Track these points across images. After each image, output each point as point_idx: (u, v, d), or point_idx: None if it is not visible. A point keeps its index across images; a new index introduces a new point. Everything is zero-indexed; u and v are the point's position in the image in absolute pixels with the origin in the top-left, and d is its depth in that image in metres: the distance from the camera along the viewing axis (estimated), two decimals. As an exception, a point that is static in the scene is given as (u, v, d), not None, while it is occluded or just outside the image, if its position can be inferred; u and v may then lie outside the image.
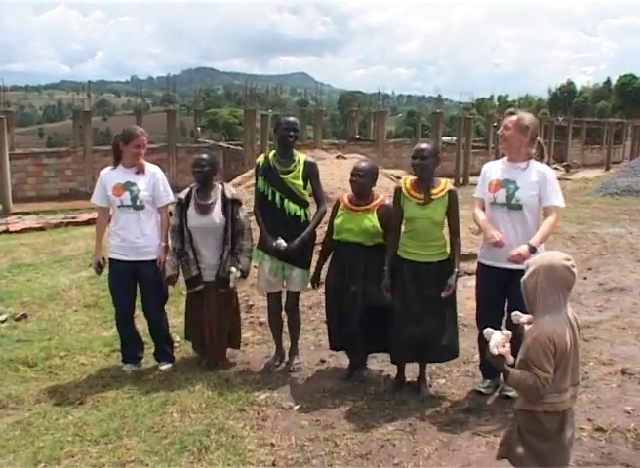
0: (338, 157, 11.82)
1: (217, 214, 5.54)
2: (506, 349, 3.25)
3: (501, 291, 5.01)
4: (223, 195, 5.61)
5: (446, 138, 34.39)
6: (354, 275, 5.27)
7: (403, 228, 5.19)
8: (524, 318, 3.46)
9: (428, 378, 5.45)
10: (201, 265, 5.61)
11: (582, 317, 5.59)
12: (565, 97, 74.88)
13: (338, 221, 5.35)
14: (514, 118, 4.92)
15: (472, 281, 7.55)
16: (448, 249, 5.11)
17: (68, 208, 20.73)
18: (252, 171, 11.04)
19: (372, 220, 5.23)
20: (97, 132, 41.25)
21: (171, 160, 24.36)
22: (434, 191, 5.02)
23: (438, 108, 34.77)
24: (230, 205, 5.59)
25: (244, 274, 5.63)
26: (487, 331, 3.18)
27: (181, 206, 5.62)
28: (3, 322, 7.22)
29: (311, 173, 5.52)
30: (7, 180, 21.73)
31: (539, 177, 4.87)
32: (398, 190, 5.14)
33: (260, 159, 5.69)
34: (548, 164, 5.02)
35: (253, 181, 9.58)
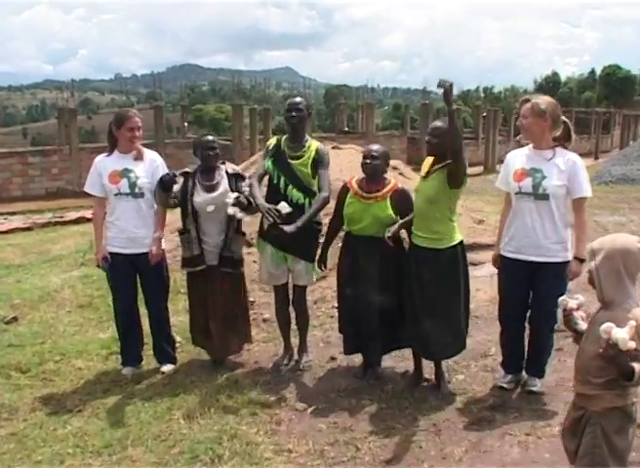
0: (333, 148, 11.48)
1: (222, 192, 5.21)
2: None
3: (526, 284, 4.75)
4: (226, 172, 5.33)
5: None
6: (368, 267, 4.96)
7: None
8: (572, 303, 3.14)
9: (446, 374, 5.17)
10: (205, 246, 5.27)
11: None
12: (550, 88, 74.96)
13: (348, 211, 5.02)
14: (529, 105, 4.64)
15: (479, 271, 7.36)
16: (452, 239, 4.78)
17: (56, 207, 20.33)
18: (255, 157, 10.74)
19: (386, 210, 4.91)
20: (81, 130, 40.80)
21: (160, 155, 24.09)
22: (437, 165, 4.72)
23: (425, 100, 34.69)
24: (234, 180, 5.29)
25: (240, 202, 5.07)
26: (607, 326, 2.78)
27: (186, 179, 5.28)
28: (-8, 326, 6.86)
29: (321, 161, 5.18)
30: (-8, 180, 21.37)
31: (567, 166, 4.59)
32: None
33: (272, 141, 5.38)
34: (564, 147, 4.71)
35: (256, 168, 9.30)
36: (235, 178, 5.31)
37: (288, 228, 4.88)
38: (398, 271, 4.93)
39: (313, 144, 5.22)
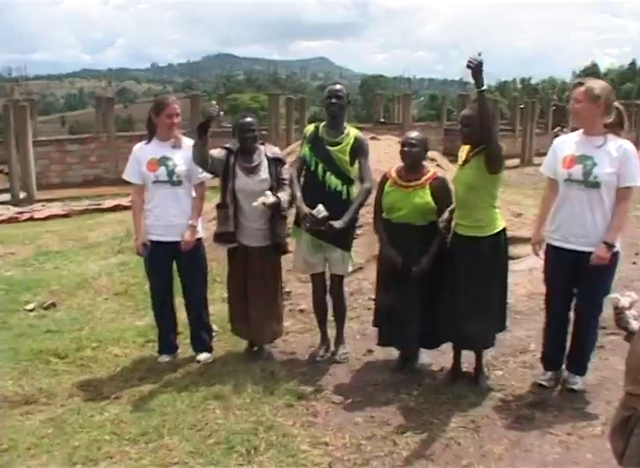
0: (371, 138, 11.39)
1: (263, 175, 5.18)
2: None
3: (572, 273, 4.63)
4: (266, 155, 5.26)
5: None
6: (407, 259, 4.88)
7: None
8: (624, 301, 3.04)
9: (485, 369, 5.07)
10: (245, 231, 5.21)
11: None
12: (589, 80, 73.75)
13: (388, 199, 4.95)
14: (583, 89, 4.49)
15: (517, 265, 7.24)
16: (495, 226, 4.70)
17: (93, 194, 20.51)
18: (291, 147, 10.68)
19: (425, 197, 4.83)
20: (118, 119, 41.14)
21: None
22: (472, 154, 4.63)
23: (463, 91, 34.23)
24: (274, 165, 5.23)
25: (278, 202, 5.04)
26: None
27: (228, 154, 5.21)
28: (31, 311, 6.93)
29: (360, 149, 5.13)
30: (31, 168, 21.54)
31: (619, 153, 4.43)
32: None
33: (310, 128, 5.33)
34: (618, 135, 4.57)
35: (293, 158, 9.26)
36: (275, 163, 5.25)
37: (337, 224, 4.90)
38: (437, 261, 4.85)
39: (352, 132, 5.16)
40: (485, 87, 4.27)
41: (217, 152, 5.20)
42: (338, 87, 5.16)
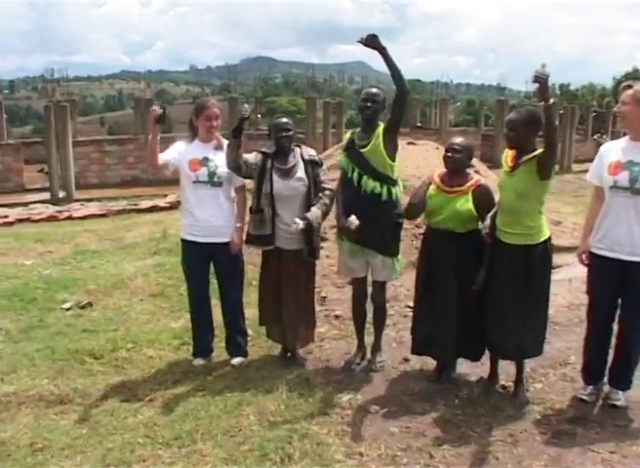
0: (408, 143, 11.31)
1: (299, 177, 5.14)
2: None
3: (617, 283, 4.51)
4: (302, 157, 5.22)
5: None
6: (446, 263, 4.81)
7: None
8: None
9: (524, 382, 4.95)
10: (277, 229, 5.16)
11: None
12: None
13: (429, 204, 4.87)
14: (631, 92, 4.37)
15: (557, 275, 7.09)
16: (543, 233, 4.60)
17: (130, 195, 20.68)
18: (329, 151, 10.65)
19: (466, 204, 4.74)
20: (157, 120, 41.47)
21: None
22: (523, 157, 4.52)
23: (501, 96, 33.86)
24: (310, 167, 5.18)
25: (309, 222, 5.00)
26: None
27: (264, 159, 5.18)
28: (68, 310, 6.98)
29: (387, 133, 4.99)
30: (70, 168, 21.81)
31: None
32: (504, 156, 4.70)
33: (346, 135, 5.29)
34: None
35: (331, 162, 9.23)
36: (312, 165, 5.20)
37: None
38: (476, 268, 4.76)
39: (381, 126, 5.05)
40: (552, 100, 4.17)
41: (252, 157, 5.18)
42: (374, 90, 5.08)
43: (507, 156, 4.65)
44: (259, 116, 35.03)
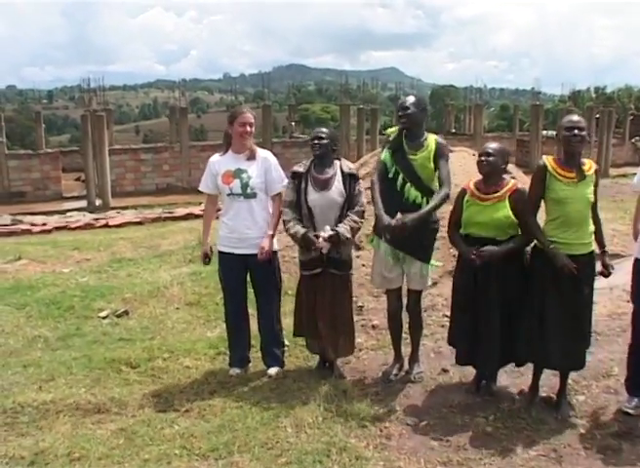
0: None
1: (336, 189, 5.08)
2: None
3: None
4: (341, 170, 5.16)
5: (545, 132, 33.03)
6: (488, 276, 4.68)
7: (547, 215, 4.62)
8: None
9: (567, 394, 4.82)
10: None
11: None
12: (667, 88, 71.09)
13: (466, 214, 4.76)
14: None
15: (598, 283, 6.93)
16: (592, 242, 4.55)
17: (165, 202, 20.90)
18: (364, 159, 10.55)
19: (504, 209, 4.62)
20: (191, 129, 41.83)
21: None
22: (584, 168, 4.45)
23: (536, 101, 33.54)
24: (348, 180, 5.13)
25: (337, 234, 4.95)
26: None
27: (298, 179, 5.16)
28: (105, 318, 7.01)
29: (440, 152, 4.96)
30: (107, 176, 22.10)
31: None
32: (542, 167, 4.52)
33: (393, 129, 5.18)
34: None
35: (366, 170, 9.14)
36: (350, 179, 5.14)
37: (403, 220, 4.74)
38: (519, 278, 4.64)
39: (431, 137, 5.01)
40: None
41: (287, 195, 5.19)
42: (407, 101, 5.02)
43: (552, 162, 4.52)
44: (292, 124, 35.15)
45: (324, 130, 5.22)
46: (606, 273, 4.66)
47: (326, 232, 4.94)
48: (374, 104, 31.38)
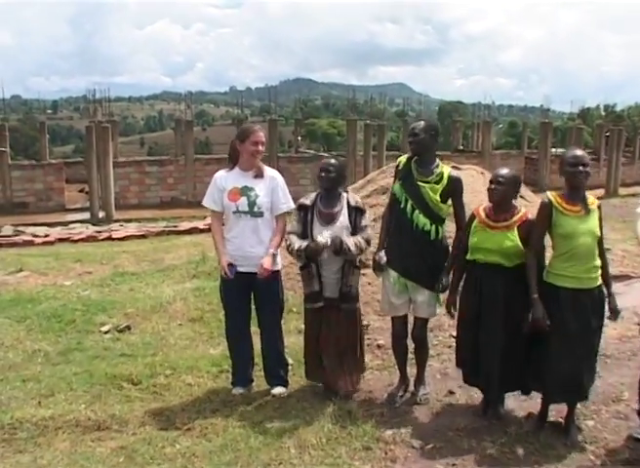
0: (452, 168, 11.18)
1: (341, 223, 5.08)
2: None
3: None
4: (348, 203, 5.15)
5: (554, 150, 33.03)
6: (492, 301, 4.66)
7: (554, 250, 4.58)
8: None
9: (576, 419, 4.78)
10: (323, 279, 5.13)
11: None
12: (679, 108, 71.07)
13: (473, 240, 4.74)
14: None
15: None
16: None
17: (169, 216, 20.90)
18: (371, 176, 10.56)
19: (513, 239, 4.60)
20: (196, 141, 42.00)
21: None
22: (589, 202, 4.48)
23: (545, 118, 33.53)
24: (354, 213, 5.12)
25: (340, 241, 4.96)
26: None
27: (304, 212, 5.17)
28: (106, 333, 7.00)
29: (454, 191, 4.96)
30: (111, 188, 22.10)
31: None
32: (547, 204, 4.50)
33: (402, 159, 5.18)
34: None
35: (373, 187, 9.15)
36: (355, 212, 5.14)
37: (443, 283, 4.95)
38: (524, 304, 4.61)
39: (445, 171, 4.98)
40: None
41: (292, 226, 5.21)
42: (417, 126, 5.00)
43: (557, 197, 4.51)
44: (299, 138, 35.21)
45: (332, 162, 5.19)
46: (613, 319, 4.69)
47: (324, 237, 4.95)
48: (381, 120, 31.40)
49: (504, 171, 4.77)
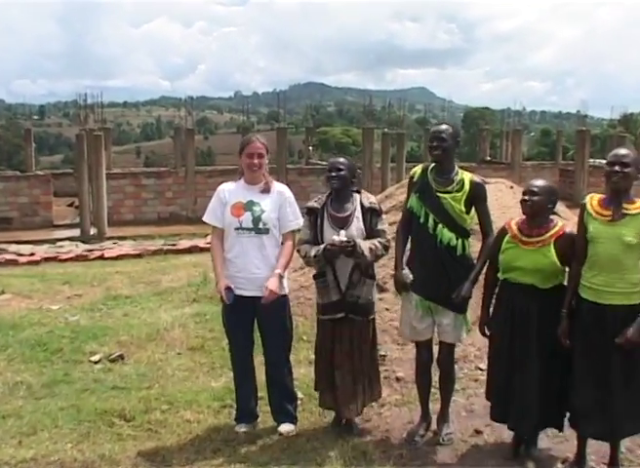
0: (479, 181, 11.16)
1: (356, 227, 5.06)
2: None
3: None
4: (361, 204, 5.14)
5: (592, 161, 32.93)
6: (526, 326, 4.63)
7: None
8: None
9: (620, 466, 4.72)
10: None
11: None
12: None
13: (505, 257, 4.72)
14: None
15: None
16: None
17: (168, 233, 21.00)
18: (390, 190, 10.56)
19: (549, 256, 4.57)
20: (198, 151, 42.18)
21: (281, 182, 24.30)
22: (629, 206, 4.37)
23: (582, 125, 33.49)
24: (369, 215, 5.11)
25: (354, 242, 4.91)
26: None
27: (314, 216, 5.17)
28: (97, 363, 6.99)
29: (478, 197, 4.95)
30: (103, 202, 22.24)
31: None
32: (582, 207, 4.53)
33: (417, 170, 5.17)
34: None
35: (392, 203, 9.14)
36: (371, 214, 5.13)
37: (458, 295, 4.89)
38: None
39: (466, 177, 4.98)
40: None
41: (302, 234, 5.21)
42: (442, 127, 5.00)
43: (594, 200, 4.50)
44: (310, 148, 35.37)
45: (341, 160, 5.20)
46: (622, 343, 4.40)
47: (340, 236, 4.92)
48: (400, 128, 31.50)
49: (539, 181, 4.76)
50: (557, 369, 4.62)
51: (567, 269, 4.63)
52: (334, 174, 5.09)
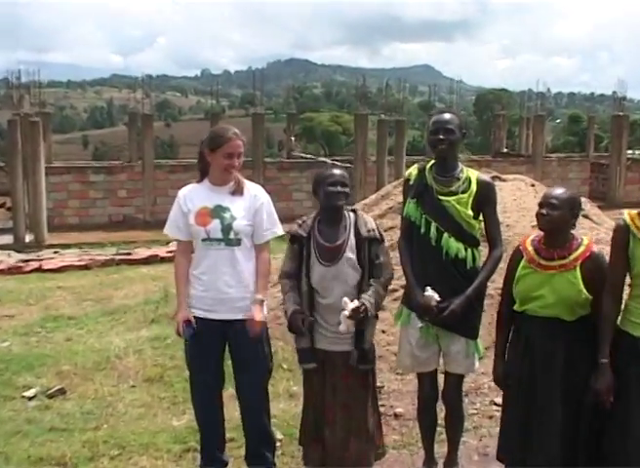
0: (493, 178, 11.17)
1: (348, 261, 4.94)
2: None
3: None
4: (357, 231, 5.00)
5: (631, 152, 33.14)
6: (548, 364, 4.60)
7: (630, 289, 4.47)
8: None
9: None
10: (322, 331, 5.01)
11: None
12: None
13: (522, 286, 4.65)
14: None
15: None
16: None
17: (121, 240, 20.97)
18: (386, 189, 10.59)
19: (575, 283, 4.47)
20: (157, 141, 42.16)
21: (257, 179, 24.10)
22: None
23: (618, 110, 33.53)
24: (367, 245, 4.97)
25: (365, 307, 4.78)
26: None
27: (299, 244, 5.03)
28: (31, 399, 6.96)
29: (486, 198, 4.91)
30: (42, 202, 22.13)
31: None
32: (623, 227, 4.39)
33: (412, 171, 5.10)
34: None
35: (389, 204, 9.17)
36: (368, 244, 4.97)
37: (452, 307, 4.75)
38: (590, 368, 4.57)
39: (472, 175, 4.94)
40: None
41: (288, 264, 5.09)
42: (446, 117, 4.94)
43: (638, 218, 4.34)
44: (292, 139, 35.40)
45: (339, 172, 5.00)
46: None
47: (348, 306, 4.73)
48: (400, 114, 31.50)
49: (559, 190, 4.60)
50: (586, 416, 4.58)
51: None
52: (339, 188, 4.89)
